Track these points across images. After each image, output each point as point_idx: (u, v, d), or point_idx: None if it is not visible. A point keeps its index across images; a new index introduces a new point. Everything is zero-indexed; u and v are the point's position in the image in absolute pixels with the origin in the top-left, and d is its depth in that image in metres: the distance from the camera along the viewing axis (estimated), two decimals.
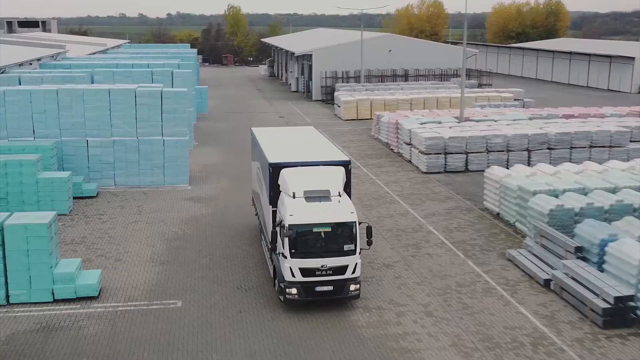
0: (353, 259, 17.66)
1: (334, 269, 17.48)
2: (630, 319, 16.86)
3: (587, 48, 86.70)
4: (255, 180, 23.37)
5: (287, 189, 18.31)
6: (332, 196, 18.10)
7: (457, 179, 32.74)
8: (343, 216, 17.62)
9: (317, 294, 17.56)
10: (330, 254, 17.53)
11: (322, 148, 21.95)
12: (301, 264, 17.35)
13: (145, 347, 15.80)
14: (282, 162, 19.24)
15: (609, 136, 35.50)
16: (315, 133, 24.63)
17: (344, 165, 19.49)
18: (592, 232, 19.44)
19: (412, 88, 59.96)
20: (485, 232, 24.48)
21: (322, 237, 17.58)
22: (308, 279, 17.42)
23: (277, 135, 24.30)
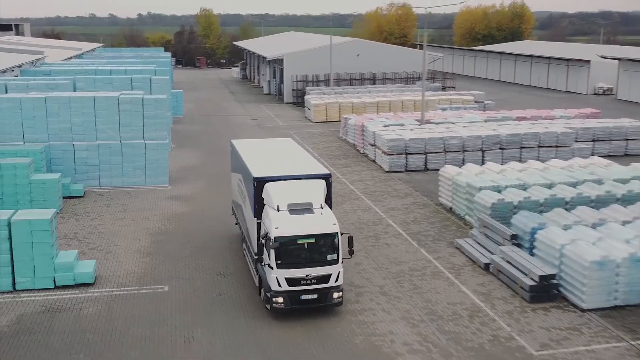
0: (336, 268, 18.55)
1: (318, 278, 18.32)
2: (553, 294, 19.82)
3: (548, 51, 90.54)
4: (236, 191, 24.20)
5: (271, 203, 19.08)
6: (315, 208, 18.89)
7: (416, 177, 35.65)
8: (326, 227, 18.47)
9: (302, 302, 18.42)
10: (314, 263, 18.35)
11: (303, 161, 22.70)
12: (287, 274, 18.17)
13: (139, 324, 18.33)
14: (266, 176, 19.92)
15: (555, 137, 38.70)
16: (293, 145, 25.51)
17: (324, 178, 20.28)
18: (525, 221, 22.43)
19: (379, 91, 62.89)
20: (438, 225, 27.38)
21: (306, 248, 18.37)
22: (294, 288, 18.24)
23: (257, 148, 24.81)
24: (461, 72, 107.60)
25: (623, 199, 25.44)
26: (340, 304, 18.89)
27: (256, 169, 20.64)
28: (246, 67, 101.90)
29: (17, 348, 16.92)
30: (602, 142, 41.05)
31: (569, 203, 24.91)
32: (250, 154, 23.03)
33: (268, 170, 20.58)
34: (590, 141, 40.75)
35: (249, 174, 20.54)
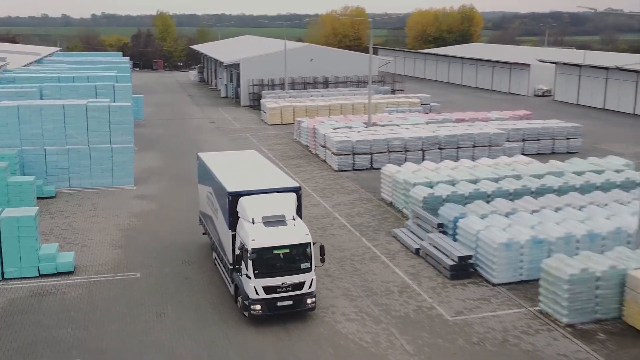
0: (309, 276, 19.73)
1: (293, 286, 19.48)
2: (470, 272, 23.44)
3: (494, 54, 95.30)
4: (205, 203, 25.10)
5: (246, 216, 20.07)
6: (287, 220, 20.02)
7: (362, 175, 39.12)
8: (299, 238, 19.61)
9: (278, 309, 19.53)
10: (289, 272, 19.47)
11: (273, 174, 23.82)
12: (264, 282, 19.26)
13: (116, 304, 21.28)
14: (241, 190, 20.87)
15: (488, 137, 42.59)
16: (259, 157, 26.83)
17: (295, 191, 21.49)
18: (450, 212, 26.04)
19: (332, 94, 66.32)
20: (378, 217, 30.87)
21: (282, 258, 19.47)
22: (270, 295, 19.35)
23: (225, 161, 25.49)
24: (412, 74, 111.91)
25: (537, 192, 29.27)
26: (313, 309, 20.12)
27: (230, 184, 21.47)
28: (204, 70, 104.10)
29: (13, 325, 19.71)
30: (532, 142, 45.13)
31: (490, 196, 28.60)
32: (220, 168, 23.86)
33: (241, 184, 21.44)
34: (520, 141, 44.80)
35: (223, 189, 21.45)
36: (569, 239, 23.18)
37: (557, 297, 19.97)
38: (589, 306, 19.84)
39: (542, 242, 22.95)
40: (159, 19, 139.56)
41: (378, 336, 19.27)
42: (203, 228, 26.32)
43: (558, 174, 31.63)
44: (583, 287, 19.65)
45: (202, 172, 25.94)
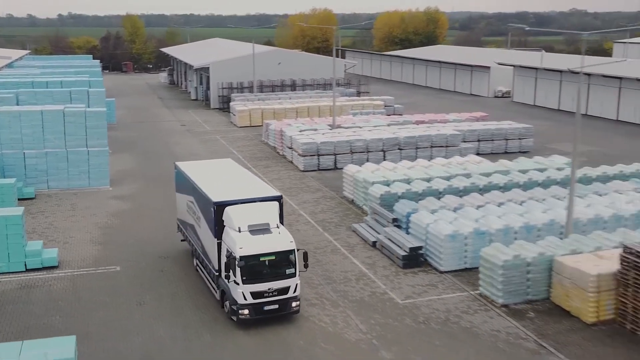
0: (294, 281, 20.75)
1: (278, 290, 20.51)
2: (420, 262, 26.00)
3: (457, 56, 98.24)
4: (185, 212, 25.87)
5: (232, 225, 20.92)
6: (272, 228, 20.99)
7: (327, 175, 41.54)
8: (284, 245, 20.61)
9: (265, 313, 20.53)
10: (275, 278, 20.48)
11: (254, 184, 24.76)
12: (252, 288, 20.25)
13: (99, 294, 23.38)
14: (226, 200, 21.68)
15: (445, 138, 45.33)
16: (236, 166, 27.88)
17: (277, 200, 22.46)
18: (403, 208, 28.60)
19: (299, 97, 68.59)
20: (340, 213, 33.32)
21: (268, 265, 20.49)
22: (258, 300, 20.36)
23: (205, 170, 26.20)
24: (379, 76, 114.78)
25: (484, 189, 32.00)
26: (297, 312, 21.15)
27: (214, 194, 22.23)
28: (173, 72, 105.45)
29: (5, 314, 21.70)
30: (486, 142, 48.01)
31: (442, 193, 31.25)
32: (202, 178, 24.58)
33: (226, 194, 22.22)
34: (476, 141, 47.66)
35: (208, 199, 22.24)
36: (508, 230, 25.88)
37: (493, 281, 22.62)
38: (521, 288, 22.52)
39: (484, 233, 25.61)
40: (127, 21, 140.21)
41: (336, 318, 21.71)
42: (182, 235, 27.19)
43: (505, 172, 34.45)
44: (515, 271, 22.33)
45: (181, 181, 26.56)
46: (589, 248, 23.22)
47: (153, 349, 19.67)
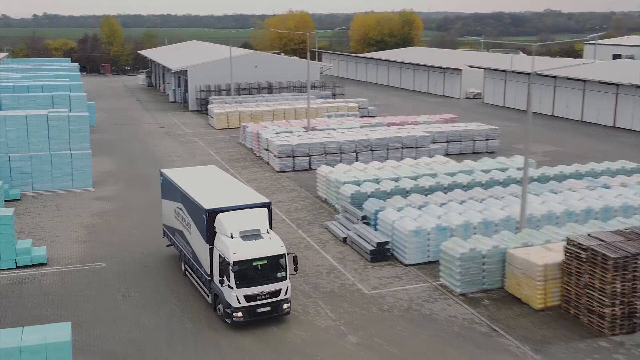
0: (285, 284, 21.69)
1: (270, 293, 21.44)
2: (387, 256, 27.97)
3: (430, 58, 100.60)
4: (172, 218, 26.57)
5: (224, 231, 21.70)
6: (263, 234, 21.89)
7: (302, 175, 43.39)
8: (275, 250, 21.58)
9: (258, 315, 21.43)
10: (267, 281, 21.40)
11: (243, 191, 25.81)
12: (245, 292, 21.12)
13: (87, 288, 25.01)
14: (218, 207, 22.45)
15: (415, 140, 47.42)
16: (222, 173, 28.70)
17: (266, 206, 23.35)
18: (372, 206, 30.56)
19: (276, 100, 70.35)
20: (314, 212, 35.20)
21: (260, 269, 21.39)
22: (251, 303, 21.27)
23: (192, 178, 26.81)
24: (355, 77, 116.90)
25: (449, 187, 34.05)
26: (288, 313, 22.08)
27: (206, 201, 22.96)
28: (151, 75, 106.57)
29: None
30: (454, 143, 50.22)
31: (409, 192, 33.26)
32: (190, 185, 25.26)
33: (217, 202, 22.96)
34: (444, 142, 49.83)
35: (199, 206, 22.96)
36: (467, 226, 27.93)
37: (452, 272, 24.65)
38: (477, 279, 24.58)
39: (445, 229, 27.64)
40: (105, 23, 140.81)
41: (307, 307, 23.59)
42: (168, 240, 27.94)
43: (468, 172, 36.58)
44: (472, 263, 24.38)
45: (168, 188, 27.16)
46: (539, 241, 25.35)
47: (139, 336, 21.38)
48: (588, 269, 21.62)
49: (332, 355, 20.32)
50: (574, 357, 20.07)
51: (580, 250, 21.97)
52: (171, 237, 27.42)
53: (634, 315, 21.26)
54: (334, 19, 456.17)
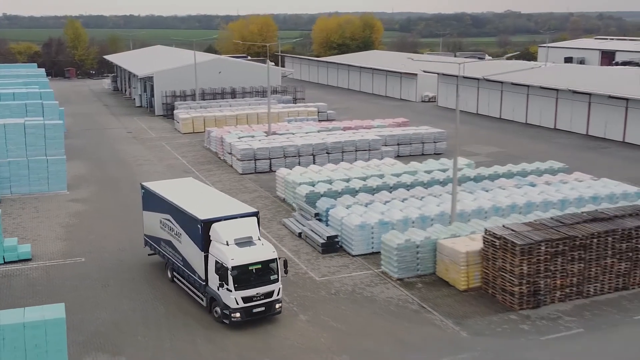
0: (277, 285, 23.82)
1: (264, 294, 23.56)
2: (336, 248, 31.70)
3: (389, 62, 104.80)
4: (159, 228, 28.06)
5: (220, 239, 23.66)
6: (255, 240, 24.00)
7: (263, 177, 46.89)
8: (268, 255, 23.75)
9: (254, 314, 23.45)
10: (261, 284, 23.48)
11: (230, 201, 27.88)
12: (242, 294, 23.15)
13: (70, 280, 28.21)
14: (212, 218, 24.39)
15: (367, 143, 51.30)
16: (201, 184, 31.48)
17: (255, 215, 25.37)
18: (324, 204, 34.27)
19: (239, 105, 73.68)
20: (273, 210, 38.76)
21: (255, 272, 23.49)
22: (248, 304, 23.29)
23: (177, 190, 28.60)
24: (317, 81, 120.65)
25: (394, 187, 37.94)
26: (280, 312, 24.19)
27: (200, 213, 24.81)
28: (117, 79, 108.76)
29: None
30: (405, 146, 54.26)
31: (358, 191, 37.04)
32: (178, 197, 27.03)
33: (210, 212, 24.85)
34: (395, 145, 53.82)
35: (193, 217, 24.82)
36: (407, 220, 31.80)
37: (390, 260, 28.47)
38: (412, 265, 28.45)
39: (387, 223, 31.46)
40: (69, 27, 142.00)
41: None
42: (151, 249, 29.59)
43: (413, 172, 40.55)
44: (407, 252, 28.24)
45: (152, 200, 28.73)
46: (466, 232, 29.35)
47: (118, 318, 24.72)
48: (501, 255, 25.65)
49: (285, 330, 23.92)
50: (487, 328, 24.05)
51: (495, 239, 25.99)
52: (155, 246, 29.05)
53: (538, 293, 25.33)
54: (298, 19, 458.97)
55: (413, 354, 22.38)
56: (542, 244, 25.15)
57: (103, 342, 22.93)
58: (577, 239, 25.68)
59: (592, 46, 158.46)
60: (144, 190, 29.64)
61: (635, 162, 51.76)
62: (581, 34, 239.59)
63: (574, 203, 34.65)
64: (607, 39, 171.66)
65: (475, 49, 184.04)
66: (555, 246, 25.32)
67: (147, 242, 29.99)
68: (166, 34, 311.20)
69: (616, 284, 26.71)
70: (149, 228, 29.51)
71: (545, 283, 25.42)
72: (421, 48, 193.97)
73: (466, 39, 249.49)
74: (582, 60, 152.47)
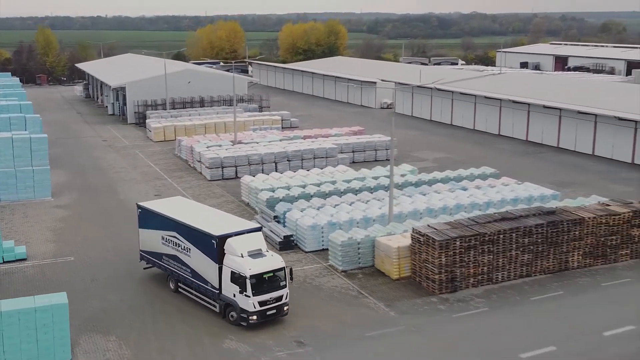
0: (285, 290, 27.48)
1: (276, 298, 27.18)
2: (292, 245, 36.90)
3: (352, 68, 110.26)
4: (160, 245, 30.86)
5: (234, 252, 27.08)
6: (265, 252, 27.67)
7: (229, 183, 51.88)
8: (278, 264, 27.46)
9: (267, 316, 27.03)
10: (273, 289, 27.13)
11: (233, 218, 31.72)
12: (259, 299, 26.68)
13: (62, 275, 32.95)
14: (226, 234, 27.71)
15: (325, 151, 56.61)
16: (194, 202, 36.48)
17: (260, 230, 29.22)
18: (282, 208, 39.48)
19: (207, 113, 78.35)
20: (238, 213, 43.56)
21: (267, 280, 27.15)
22: (262, 308, 26.85)
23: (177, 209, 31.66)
24: (282, 87, 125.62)
25: (344, 192, 43.26)
26: (287, 314, 27.77)
27: (213, 229, 28.08)
28: (89, 86, 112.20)
29: None
30: (359, 153, 59.68)
31: (312, 196, 42.29)
32: (183, 216, 30.13)
33: (223, 229, 28.20)
34: (351, 152, 59.21)
35: (207, 233, 28.01)
36: (352, 221, 37.14)
37: (336, 255, 33.79)
38: (354, 259, 33.78)
39: (335, 224, 36.76)
40: (40, 34, 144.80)
41: None
42: (146, 263, 32.43)
43: (362, 178, 45.98)
44: (350, 248, 33.57)
45: (151, 219, 31.51)
46: (400, 231, 34.79)
47: (107, 306, 29.62)
48: (425, 249, 31.13)
49: None
50: (411, 309, 29.49)
51: (420, 236, 31.48)
52: (155, 261, 31.77)
53: (455, 280, 30.86)
54: (267, 20, 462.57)
55: (350, 329, 27.67)
56: (457, 240, 30.69)
57: (95, 325, 27.82)
58: (487, 235, 31.30)
59: (547, 51, 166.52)
60: (140, 210, 32.38)
61: (564, 166, 57.94)
62: (542, 36, 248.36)
63: (497, 205, 40.36)
64: (561, 44, 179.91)
65: (436, 54, 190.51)
66: (468, 241, 30.89)
67: (143, 257, 32.67)
68: (135, 36, 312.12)
69: (520, 272, 32.39)
70: (147, 244, 32.18)
71: (461, 272, 30.97)
72: (386, 50, 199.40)
73: (432, 40, 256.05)
74: (537, 65, 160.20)
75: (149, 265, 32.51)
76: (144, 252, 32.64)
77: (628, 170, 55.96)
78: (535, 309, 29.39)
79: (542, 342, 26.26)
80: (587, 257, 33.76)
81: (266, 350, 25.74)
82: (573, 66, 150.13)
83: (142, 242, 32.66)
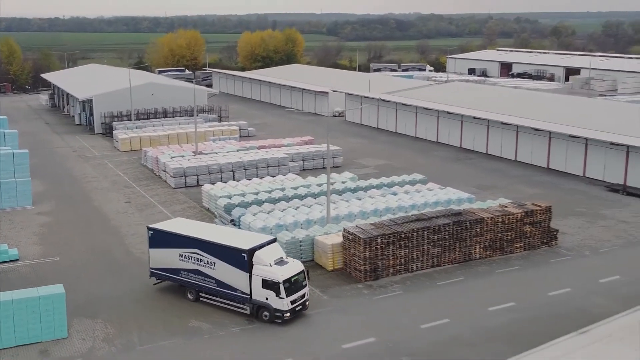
0: (307, 289, 32.89)
1: (301, 296, 32.44)
2: None
3: (308, 77, 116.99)
4: (177, 261, 34.60)
5: (263, 262, 32.02)
6: (286, 259, 33.01)
7: (192, 190, 58.32)
8: (300, 268, 32.82)
9: (296, 313, 32.23)
10: (299, 289, 32.39)
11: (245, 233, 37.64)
12: (291, 298, 31.82)
13: (52, 273, 39.10)
14: (253, 247, 32.49)
15: (277, 160, 63.43)
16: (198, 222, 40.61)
17: (275, 241, 34.26)
18: (237, 212, 46.23)
19: (170, 124, 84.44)
20: (199, 218, 50.26)
21: (293, 282, 32.15)
22: (293, 305, 31.99)
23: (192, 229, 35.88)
24: (241, 94, 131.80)
25: (291, 198, 50.18)
26: (307, 308, 33.10)
27: (241, 244, 32.73)
28: (54, 96, 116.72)
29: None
30: (309, 161, 66.68)
31: (264, 202, 49.10)
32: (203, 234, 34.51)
33: (248, 243, 32.92)
34: (301, 161, 66.16)
35: (236, 248, 32.51)
36: (296, 223, 44.08)
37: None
38: (297, 255, 40.62)
39: (282, 226, 43.65)
40: (4, 44, 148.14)
41: None
42: (157, 279, 36.07)
43: (307, 185, 52.99)
44: (293, 246, 40.42)
45: (166, 239, 35.26)
46: (335, 231, 41.85)
47: (92, 296, 35.99)
48: (352, 245, 38.28)
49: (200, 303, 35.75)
50: (341, 293, 36.56)
51: (349, 234, 38.63)
52: (172, 276, 35.37)
53: (377, 270, 38.07)
54: (227, 22, 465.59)
55: None
56: (379, 237, 37.91)
57: (84, 311, 34.21)
58: (403, 233, 38.60)
59: (493, 58, 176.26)
60: (152, 232, 35.95)
61: (488, 171, 65.80)
62: (495, 39, 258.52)
63: (420, 207, 47.74)
64: (507, 50, 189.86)
65: (389, 61, 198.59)
66: (388, 238, 38.14)
67: (154, 273, 36.11)
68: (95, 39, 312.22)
69: (431, 263, 39.76)
70: (160, 261, 35.63)
71: (382, 263, 38.20)
72: (344, 54, 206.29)
73: (390, 42, 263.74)
74: (484, 71, 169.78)
75: (159, 280, 36.16)
76: (156, 270, 36.12)
77: (542, 174, 64.13)
78: (439, 292, 36.81)
79: (439, 316, 33.61)
80: (487, 250, 41.33)
81: (223, 327, 32.51)
82: (516, 72, 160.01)
83: (152, 261, 36.06)
